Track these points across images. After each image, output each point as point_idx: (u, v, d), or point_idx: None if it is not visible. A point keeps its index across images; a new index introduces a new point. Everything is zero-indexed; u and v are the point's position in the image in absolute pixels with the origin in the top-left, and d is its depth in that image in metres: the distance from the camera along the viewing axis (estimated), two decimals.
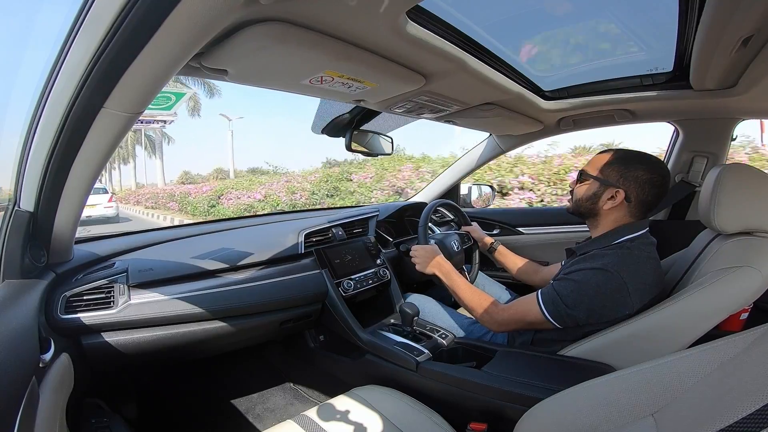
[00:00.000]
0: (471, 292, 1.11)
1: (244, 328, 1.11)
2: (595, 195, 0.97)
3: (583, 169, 1.01)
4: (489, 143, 1.86)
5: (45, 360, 0.68)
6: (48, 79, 0.60)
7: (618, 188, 0.94)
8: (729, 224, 0.86)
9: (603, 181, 0.96)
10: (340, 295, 1.26)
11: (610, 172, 0.95)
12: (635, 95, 1.19)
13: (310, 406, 0.93)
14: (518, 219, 1.92)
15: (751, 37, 0.68)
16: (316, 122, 1.28)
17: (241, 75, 0.72)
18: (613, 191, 0.94)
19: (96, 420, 0.92)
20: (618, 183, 0.94)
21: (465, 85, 0.97)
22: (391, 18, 0.61)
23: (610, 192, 0.95)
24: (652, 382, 0.52)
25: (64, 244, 0.88)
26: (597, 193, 0.97)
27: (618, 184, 0.94)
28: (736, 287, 0.80)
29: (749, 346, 0.44)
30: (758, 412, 0.33)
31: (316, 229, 1.39)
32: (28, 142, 0.69)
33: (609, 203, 0.95)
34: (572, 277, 0.91)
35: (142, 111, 0.62)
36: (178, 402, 1.44)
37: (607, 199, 0.95)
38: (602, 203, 0.96)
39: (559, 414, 0.62)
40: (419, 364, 1.03)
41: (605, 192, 0.95)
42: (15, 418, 0.50)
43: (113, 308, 0.92)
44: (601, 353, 0.89)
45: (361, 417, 0.86)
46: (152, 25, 0.46)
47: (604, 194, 0.96)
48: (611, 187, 0.94)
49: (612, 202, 0.95)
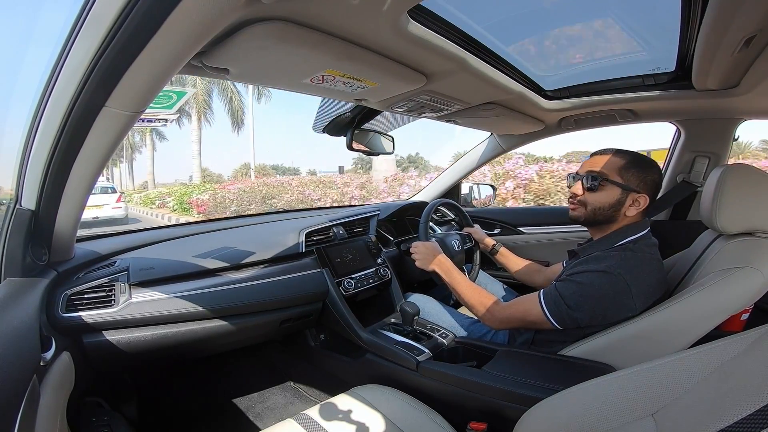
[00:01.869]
0: (471, 289, 1.11)
1: (244, 327, 1.11)
2: (619, 202, 0.92)
3: (600, 173, 0.94)
4: (490, 143, 1.86)
5: (46, 359, 0.68)
6: (50, 78, 0.60)
7: (641, 193, 0.91)
8: (731, 225, 0.86)
9: (626, 187, 0.91)
10: (340, 294, 1.26)
11: (630, 176, 0.92)
12: (637, 95, 1.19)
13: (310, 405, 0.93)
14: (519, 218, 1.92)
15: (753, 37, 0.68)
16: (317, 121, 1.28)
17: (242, 74, 0.72)
18: (635, 196, 0.91)
19: (96, 419, 0.92)
20: (639, 188, 0.91)
21: (466, 85, 0.97)
22: (393, 17, 0.61)
23: (632, 197, 0.91)
24: (652, 382, 0.52)
25: (65, 243, 0.88)
26: (621, 200, 0.92)
27: (640, 189, 0.91)
28: (738, 288, 0.80)
29: (750, 347, 0.44)
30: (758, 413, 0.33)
31: (317, 228, 1.39)
32: (29, 140, 0.69)
33: (632, 209, 0.92)
34: (575, 279, 0.90)
35: (144, 110, 0.62)
36: (179, 401, 1.45)
37: (630, 205, 0.92)
38: (625, 209, 0.92)
39: (559, 414, 0.62)
40: (419, 364, 1.03)
41: (628, 197, 0.92)
42: (16, 416, 0.50)
43: (114, 307, 0.92)
44: (601, 353, 0.89)
45: (361, 416, 0.86)
46: (154, 24, 0.46)
47: (627, 200, 0.92)
48: (633, 193, 0.91)
49: (635, 207, 0.91)
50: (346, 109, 1.21)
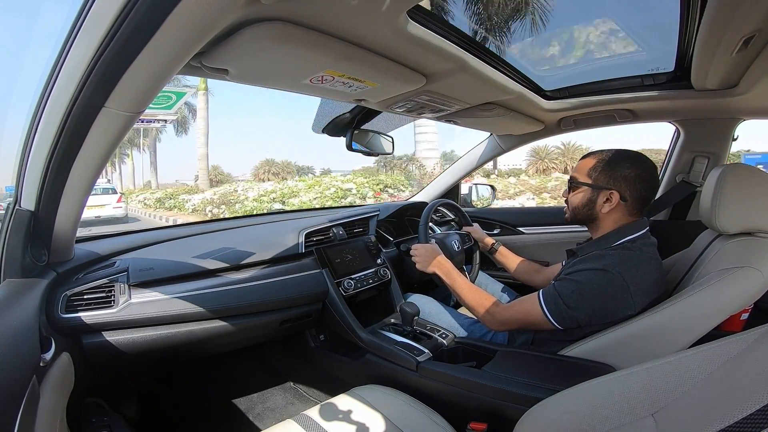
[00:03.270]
0: (472, 290, 1.11)
1: (244, 328, 1.11)
2: (590, 201, 0.97)
3: (573, 177, 1.01)
4: (489, 143, 1.86)
5: (46, 359, 0.68)
6: (49, 78, 0.60)
7: (610, 189, 0.94)
8: (730, 225, 0.86)
9: (594, 186, 0.96)
10: (340, 295, 1.26)
11: (599, 175, 0.96)
12: (636, 95, 1.19)
13: (310, 405, 0.93)
14: (519, 218, 1.92)
15: (752, 37, 0.68)
16: (316, 121, 1.28)
17: (241, 74, 0.72)
18: (607, 194, 0.94)
19: (96, 419, 0.92)
20: (609, 185, 0.94)
21: (466, 85, 0.97)
22: (392, 17, 0.61)
23: (604, 195, 0.95)
24: (652, 382, 0.52)
25: (64, 243, 0.88)
26: (592, 199, 0.97)
27: (609, 186, 0.94)
28: (737, 287, 0.80)
29: (749, 347, 0.44)
30: (758, 413, 0.33)
31: (317, 228, 1.39)
32: (29, 141, 0.69)
33: (606, 206, 0.95)
34: (574, 277, 0.91)
35: (143, 110, 0.62)
36: (179, 401, 1.45)
37: (603, 203, 0.95)
38: (599, 207, 0.96)
39: (558, 414, 0.62)
40: (419, 364, 1.03)
41: (599, 196, 0.96)
42: (15, 417, 0.50)
43: (114, 307, 0.92)
44: (601, 353, 0.89)
45: (361, 416, 0.86)
46: (153, 25, 0.46)
47: (598, 198, 0.96)
48: (604, 190, 0.95)
49: (609, 204, 0.95)
50: (345, 109, 1.21)
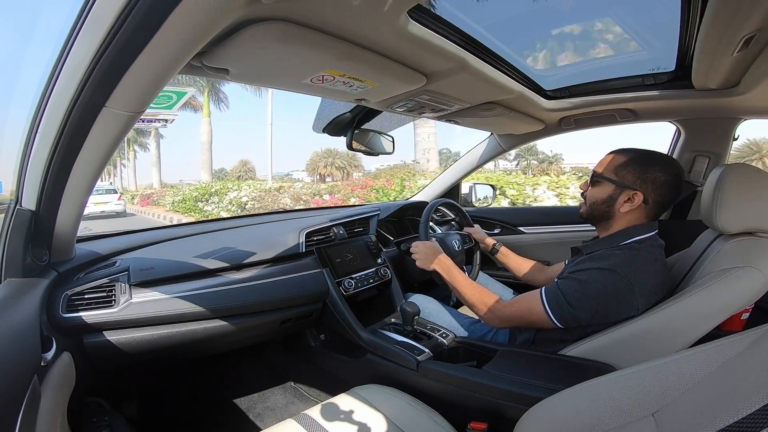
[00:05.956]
0: (472, 288, 1.11)
1: (244, 327, 1.11)
2: (611, 198, 0.94)
3: (596, 171, 0.97)
4: (490, 142, 1.86)
5: (47, 359, 0.68)
6: (50, 78, 0.60)
7: (635, 190, 0.91)
8: (731, 224, 0.86)
9: (619, 184, 0.93)
10: (341, 294, 1.26)
11: (626, 173, 0.92)
12: (637, 95, 1.19)
13: (310, 405, 0.93)
14: (519, 218, 1.92)
15: (753, 36, 0.68)
16: (317, 121, 1.28)
17: (242, 74, 0.72)
18: (630, 193, 0.91)
19: (97, 419, 0.92)
20: (635, 185, 0.91)
21: (466, 85, 0.97)
22: (393, 17, 0.61)
23: (626, 194, 0.92)
24: (652, 382, 0.52)
25: (65, 243, 0.88)
26: (613, 196, 0.94)
27: (635, 186, 0.91)
28: (738, 287, 0.80)
29: (750, 346, 0.44)
30: (759, 412, 0.33)
31: (317, 228, 1.39)
32: (29, 140, 0.69)
33: (626, 206, 0.92)
34: (577, 276, 0.90)
35: (144, 110, 0.62)
36: (179, 401, 1.45)
37: (624, 202, 0.92)
38: (618, 206, 0.93)
39: (559, 413, 0.62)
40: (420, 364, 1.03)
41: (621, 194, 0.93)
42: (17, 417, 0.50)
43: (114, 307, 0.92)
44: (601, 353, 0.88)
45: (361, 416, 0.86)
46: (153, 24, 0.46)
47: (620, 197, 0.93)
48: (628, 189, 0.92)
49: (629, 204, 0.92)
50: (346, 109, 1.21)
